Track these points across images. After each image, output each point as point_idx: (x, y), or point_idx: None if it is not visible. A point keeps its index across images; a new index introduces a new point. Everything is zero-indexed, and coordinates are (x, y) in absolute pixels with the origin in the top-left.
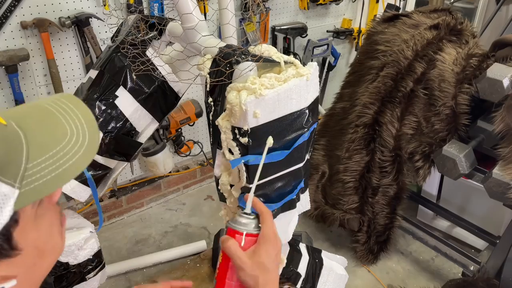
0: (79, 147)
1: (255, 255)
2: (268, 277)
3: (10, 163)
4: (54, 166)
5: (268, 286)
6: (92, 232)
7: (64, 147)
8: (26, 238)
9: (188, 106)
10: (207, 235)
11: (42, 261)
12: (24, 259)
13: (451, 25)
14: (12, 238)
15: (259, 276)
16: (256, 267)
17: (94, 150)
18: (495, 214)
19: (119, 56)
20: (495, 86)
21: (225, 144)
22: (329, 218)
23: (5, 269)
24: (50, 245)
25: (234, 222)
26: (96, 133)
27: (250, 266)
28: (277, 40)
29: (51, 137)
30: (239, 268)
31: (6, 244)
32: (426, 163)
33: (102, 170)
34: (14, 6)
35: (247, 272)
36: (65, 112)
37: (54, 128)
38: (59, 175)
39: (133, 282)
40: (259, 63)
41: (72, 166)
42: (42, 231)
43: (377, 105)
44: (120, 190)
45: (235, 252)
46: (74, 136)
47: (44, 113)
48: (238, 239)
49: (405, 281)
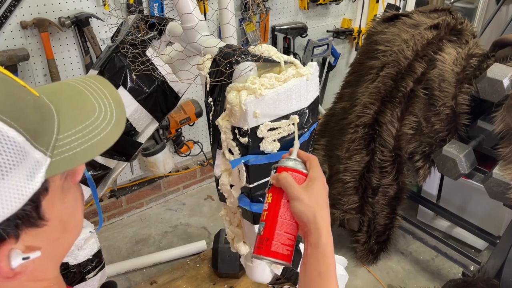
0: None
1: (309, 189)
2: (324, 213)
3: (43, 132)
4: (83, 139)
5: (324, 222)
6: (92, 232)
7: (93, 123)
8: (53, 209)
9: (188, 106)
10: (207, 235)
11: (65, 236)
12: (49, 231)
13: (451, 25)
14: (41, 206)
15: (316, 208)
16: (313, 199)
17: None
18: (495, 214)
19: (119, 56)
20: (495, 86)
21: (225, 144)
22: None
23: (31, 239)
24: (74, 221)
25: (282, 163)
26: (123, 112)
27: (307, 197)
28: (277, 40)
29: (81, 112)
30: (296, 198)
31: (34, 212)
32: (426, 163)
33: (102, 170)
34: (14, 6)
35: (304, 202)
36: (94, 90)
37: (83, 104)
38: (87, 148)
39: (133, 282)
40: (259, 63)
41: (100, 141)
42: (68, 205)
43: (377, 105)
44: (120, 190)
45: (291, 182)
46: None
47: (74, 90)
48: (291, 175)
49: (405, 281)
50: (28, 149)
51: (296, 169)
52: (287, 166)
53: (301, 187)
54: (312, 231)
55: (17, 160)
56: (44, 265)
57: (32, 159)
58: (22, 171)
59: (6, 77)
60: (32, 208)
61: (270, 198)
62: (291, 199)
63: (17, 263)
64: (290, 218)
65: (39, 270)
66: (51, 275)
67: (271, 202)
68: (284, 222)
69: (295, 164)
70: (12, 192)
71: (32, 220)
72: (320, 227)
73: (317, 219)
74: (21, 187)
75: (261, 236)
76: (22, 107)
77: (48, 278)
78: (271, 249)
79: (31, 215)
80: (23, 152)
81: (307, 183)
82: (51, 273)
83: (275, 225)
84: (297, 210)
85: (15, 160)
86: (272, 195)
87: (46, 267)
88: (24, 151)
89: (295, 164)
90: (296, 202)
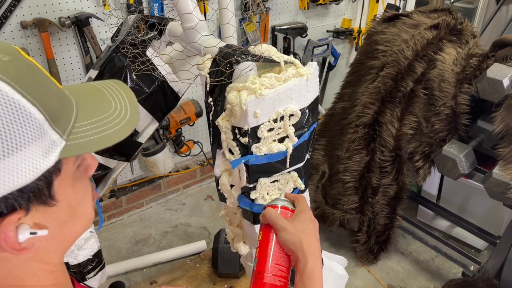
0: (121, 119)
1: (295, 220)
2: (311, 240)
3: (62, 118)
4: (97, 130)
5: (311, 249)
6: (92, 232)
7: (108, 117)
8: (63, 191)
9: (188, 106)
10: (207, 235)
11: (72, 222)
12: (58, 213)
13: (451, 25)
14: (53, 185)
15: (302, 236)
16: (298, 229)
17: (134, 125)
18: (495, 214)
19: (119, 56)
20: (495, 86)
21: (225, 144)
22: (329, 218)
23: (40, 216)
24: (82, 209)
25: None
26: (137, 112)
27: (292, 226)
28: (277, 40)
29: (98, 107)
30: (282, 229)
31: (46, 189)
32: (426, 163)
33: (102, 170)
34: (14, 6)
35: (290, 231)
36: (111, 90)
37: (101, 100)
38: (100, 138)
39: (133, 282)
40: (259, 63)
41: (113, 133)
42: (78, 192)
43: (377, 105)
44: (120, 190)
45: (275, 215)
46: (118, 109)
47: (93, 89)
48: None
49: (405, 281)
50: (46, 128)
51: (283, 206)
52: (274, 204)
53: (287, 219)
54: (299, 258)
55: (35, 136)
56: (50, 247)
57: (48, 138)
58: (38, 147)
59: (33, 65)
60: (45, 184)
61: (260, 235)
62: (278, 231)
63: (24, 237)
64: (280, 250)
65: (44, 251)
66: (56, 260)
67: (261, 239)
68: (274, 255)
69: (283, 202)
70: (28, 165)
71: (43, 198)
72: (306, 253)
73: (303, 246)
74: (36, 161)
75: (254, 271)
76: (45, 92)
77: (53, 262)
78: (263, 281)
79: (43, 192)
80: (41, 130)
81: (294, 216)
82: (56, 258)
83: (266, 258)
84: (284, 240)
85: (34, 135)
86: (262, 232)
87: (51, 249)
88: (43, 129)
89: (282, 202)
90: (282, 232)
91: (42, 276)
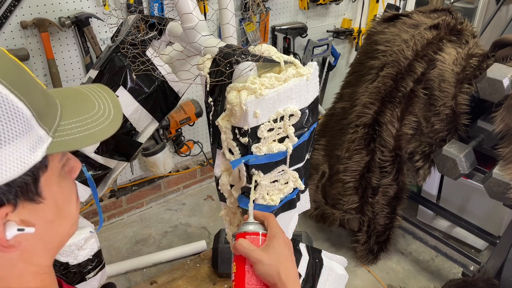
0: (105, 119)
1: (269, 248)
2: (287, 267)
3: (47, 115)
4: (82, 128)
5: (290, 276)
6: (92, 232)
7: (92, 116)
8: (50, 189)
9: (188, 106)
10: (207, 235)
11: (59, 222)
12: (44, 210)
13: (451, 25)
14: (39, 182)
15: (278, 265)
16: (273, 257)
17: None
18: (495, 214)
19: (119, 56)
20: (495, 86)
21: (225, 144)
22: (329, 218)
23: (27, 213)
24: (68, 209)
25: (240, 229)
26: (120, 112)
27: (267, 257)
28: (277, 40)
29: (81, 107)
30: (256, 261)
31: (33, 185)
32: (426, 163)
33: (102, 170)
34: (14, 6)
35: (266, 263)
36: (95, 92)
37: (85, 101)
38: (85, 136)
39: (133, 282)
40: (259, 63)
41: (97, 132)
42: (64, 191)
43: (377, 105)
44: (120, 190)
45: (248, 247)
46: (101, 110)
47: (77, 92)
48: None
49: (405, 281)
50: (33, 124)
51: (253, 232)
52: (245, 231)
53: (261, 248)
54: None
55: (22, 130)
56: (37, 247)
57: (35, 134)
58: (26, 142)
59: (19, 64)
60: (32, 180)
61: (234, 267)
62: (253, 264)
63: (12, 234)
64: (257, 282)
65: (31, 251)
66: (43, 262)
67: (236, 271)
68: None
69: (253, 227)
70: (15, 159)
71: (30, 194)
72: (284, 282)
73: (281, 276)
74: (23, 156)
75: None
76: (31, 89)
77: (40, 264)
78: None
79: (30, 188)
80: (28, 125)
81: (266, 243)
82: (43, 260)
83: None
84: (261, 272)
85: (21, 130)
86: (236, 264)
87: (38, 249)
88: (30, 124)
89: (252, 227)
90: (258, 265)
91: (28, 278)
